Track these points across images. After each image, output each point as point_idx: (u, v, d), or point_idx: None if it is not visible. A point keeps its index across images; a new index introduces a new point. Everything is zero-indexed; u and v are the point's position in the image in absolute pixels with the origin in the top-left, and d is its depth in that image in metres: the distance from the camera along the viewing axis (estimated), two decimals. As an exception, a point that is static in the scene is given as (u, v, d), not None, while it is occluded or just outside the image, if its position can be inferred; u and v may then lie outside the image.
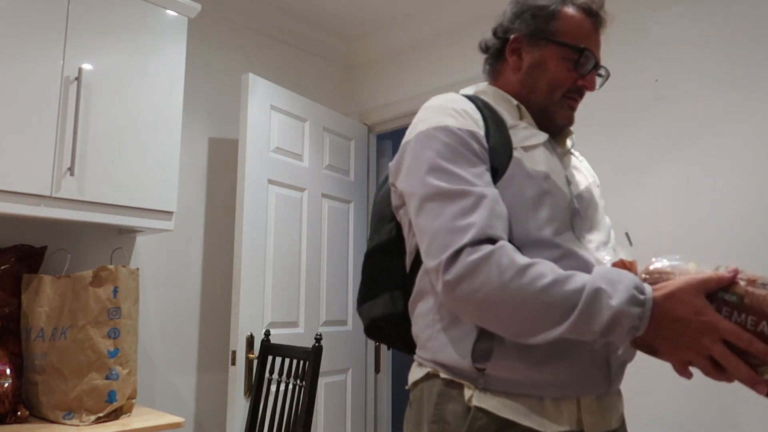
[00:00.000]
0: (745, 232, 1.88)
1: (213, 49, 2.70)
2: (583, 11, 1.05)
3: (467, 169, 0.91)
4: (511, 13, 1.12)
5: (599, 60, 1.07)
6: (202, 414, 2.51)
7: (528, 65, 1.07)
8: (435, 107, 1.01)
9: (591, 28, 1.06)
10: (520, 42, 1.08)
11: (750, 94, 1.91)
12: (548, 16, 1.05)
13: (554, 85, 1.04)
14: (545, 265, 0.83)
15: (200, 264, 2.56)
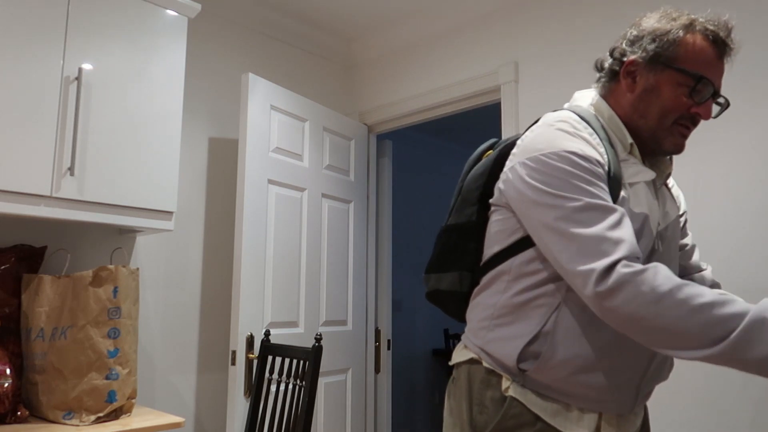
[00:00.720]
0: (747, 233, 1.88)
1: (213, 49, 2.70)
2: (707, 38, 1.03)
3: (603, 191, 0.96)
4: (631, 35, 1.09)
5: (719, 89, 1.04)
6: (202, 414, 2.51)
7: (642, 89, 1.05)
8: (558, 129, 1.01)
9: (714, 56, 1.02)
10: (636, 65, 1.06)
11: (751, 95, 1.91)
12: (669, 42, 1.03)
13: (666, 110, 1.02)
14: (703, 288, 0.85)
15: (200, 264, 2.56)
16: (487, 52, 2.66)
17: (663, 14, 1.07)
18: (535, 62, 2.48)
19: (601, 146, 1.01)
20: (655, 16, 1.07)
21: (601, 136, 1.03)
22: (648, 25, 1.07)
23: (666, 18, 1.05)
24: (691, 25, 1.03)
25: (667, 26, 1.04)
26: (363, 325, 2.97)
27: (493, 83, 2.59)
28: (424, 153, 4.88)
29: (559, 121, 1.03)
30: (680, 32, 1.02)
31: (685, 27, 1.03)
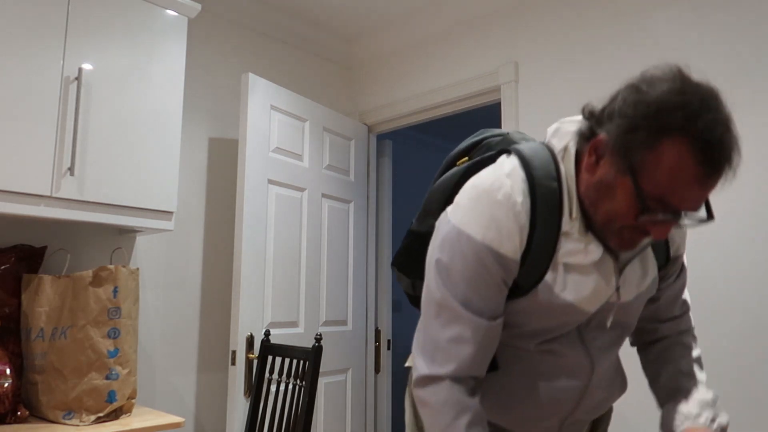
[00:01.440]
0: (748, 233, 1.88)
1: (213, 49, 2.70)
2: (695, 151, 0.78)
3: (480, 291, 0.91)
4: (619, 104, 0.85)
5: (693, 208, 0.83)
6: (202, 414, 2.51)
7: (599, 179, 0.88)
8: (482, 205, 0.91)
9: (694, 176, 0.79)
10: (604, 147, 0.86)
11: (751, 95, 1.91)
12: (644, 141, 0.80)
13: (614, 216, 0.87)
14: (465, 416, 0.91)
15: (200, 264, 2.56)
16: (487, 52, 2.66)
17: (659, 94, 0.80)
18: (535, 62, 2.48)
19: (526, 229, 0.90)
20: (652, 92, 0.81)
21: (545, 199, 0.91)
22: (632, 102, 0.82)
23: (659, 103, 0.80)
24: (682, 128, 0.78)
25: (647, 121, 0.80)
26: (363, 325, 2.97)
27: (493, 83, 2.59)
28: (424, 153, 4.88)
29: (492, 190, 0.91)
30: (659, 136, 0.79)
31: (669, 129, 0.78)
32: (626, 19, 2.22)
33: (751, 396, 1.81)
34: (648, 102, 0.80)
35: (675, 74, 0.82)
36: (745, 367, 1.84)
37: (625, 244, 0.89)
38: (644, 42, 2.17)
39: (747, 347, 1.84)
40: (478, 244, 0.90)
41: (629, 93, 0.83)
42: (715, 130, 0.77)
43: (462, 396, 0.92)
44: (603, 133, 0.86)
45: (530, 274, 0.92)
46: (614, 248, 0.91)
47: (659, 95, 0.80)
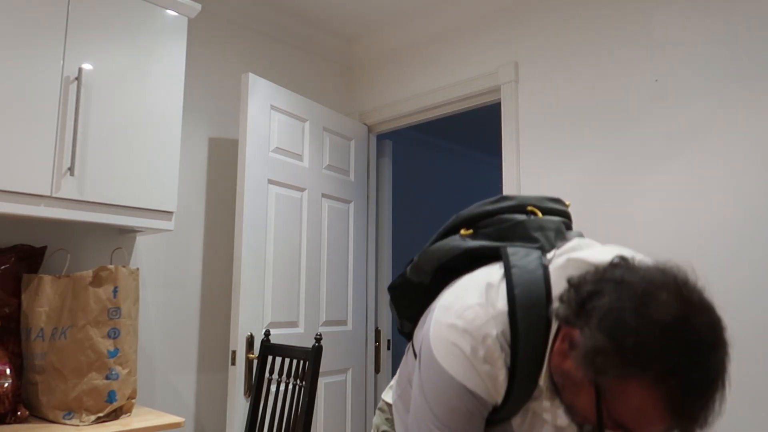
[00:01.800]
0: (748, 232, 1.88)
1: (213, 49, 2.70)
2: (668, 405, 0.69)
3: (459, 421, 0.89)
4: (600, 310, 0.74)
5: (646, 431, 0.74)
6: (202, 414, 2.51)
7: (567, 370, 0.81)
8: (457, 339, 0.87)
9: (660, 420, 0.71)
10: (574, 347, 0.77)
11: (751, 94, 1.91)
12: (615, 370, 0.71)
13: (576, 408, 0.82)
14: None
15: (200, 264, 2.56)
16: (487, 52, 2.66)
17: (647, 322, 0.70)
18: (535, 62, 2.48)
19: (504, 379, 0.86)
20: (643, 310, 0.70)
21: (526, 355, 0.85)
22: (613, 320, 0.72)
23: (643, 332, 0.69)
24: (660, 376, 0.68)
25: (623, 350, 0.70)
26: (363, 325, 2.97)
27: (493, 83, 2.59)
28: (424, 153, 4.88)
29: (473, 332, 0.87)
30: (632, 371, 0.70)
31: (645, 370, 0.69)
32: (626, 19, 2.22)
33: (752, 396, 1.81)
34: (628, 331, 0.70)
35: (670, 303, 0.70)
36: (745, 367, 1.84)
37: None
38: (644, 42, 2.17)
39: (747, 347, 1.84)
40: (456, 382, 0.87)
41: (614, 303, 0.73)
42: (694, 392, 0.68)
43: None
44: (577, 330, 0.77)
45: (504, 414, 0.91)
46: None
47: (643, 327, 0.69)
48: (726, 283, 1.90)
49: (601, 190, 2.22)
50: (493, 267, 0.96)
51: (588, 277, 0.79)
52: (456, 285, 0.97)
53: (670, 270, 0.75)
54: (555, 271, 0.89)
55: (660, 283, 0.72)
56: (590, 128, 2.28)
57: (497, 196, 1.10)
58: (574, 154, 2.31)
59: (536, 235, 1.01)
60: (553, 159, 2.37)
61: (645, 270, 0.75)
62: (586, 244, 0.93)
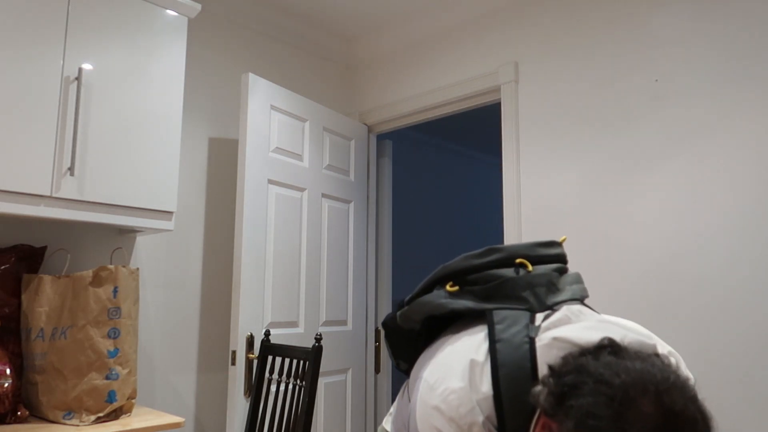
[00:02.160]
0: (747, 232, 1.88)
1: (213, 49, 2.70)
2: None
3: None
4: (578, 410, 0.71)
5: None
6: (202, 414, 2.51)
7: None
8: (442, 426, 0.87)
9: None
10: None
11: (751, 94, 1.91)
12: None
13: None
14: None
15: (200, 264, 2.56)
16: (487, 52, 2.66)
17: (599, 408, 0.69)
18: (535, 62, 2.48)
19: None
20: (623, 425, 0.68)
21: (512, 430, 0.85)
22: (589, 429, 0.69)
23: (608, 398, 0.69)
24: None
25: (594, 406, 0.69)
26: (363, 325, 2.97)
27: (493, 83, 2.59)
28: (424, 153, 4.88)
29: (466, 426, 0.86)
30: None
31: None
32: (626, 19, 2.22)
33: (752, 396, 1.81)
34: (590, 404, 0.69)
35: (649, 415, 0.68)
36: (745, 368, 1.84)
37: None
38: (644, 42, 2.17)
39: (747, 347, 1.84)
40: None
41: (591, 408, 0.70)
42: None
43: None
44: (556, 424, 0.74)
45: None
46: None
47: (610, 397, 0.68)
48: (725, 283, 1.90)
49: (601, 190, 2.22)
50: (477, 336, 0.94)
51: (569, 365, 0.77)
52: (440, 358, 0.95)
53: (654, 368, 0.72)
54: (540, 349, 0.87)
55: (641, 389, 0.69)
56: (590, 128, 2.28)
57: (485, 248, 1.06)
58: (574, 154, 2.31)
59: (524, 295, 0.98)
60: (553, 159, 2.37)
61: (627, 368, 0.72)
62: (574, 313, 0.90)
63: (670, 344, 2.00)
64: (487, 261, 1.05)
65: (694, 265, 1.97)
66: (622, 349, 0.77)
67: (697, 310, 1.95)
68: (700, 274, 1.96)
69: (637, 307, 2.07)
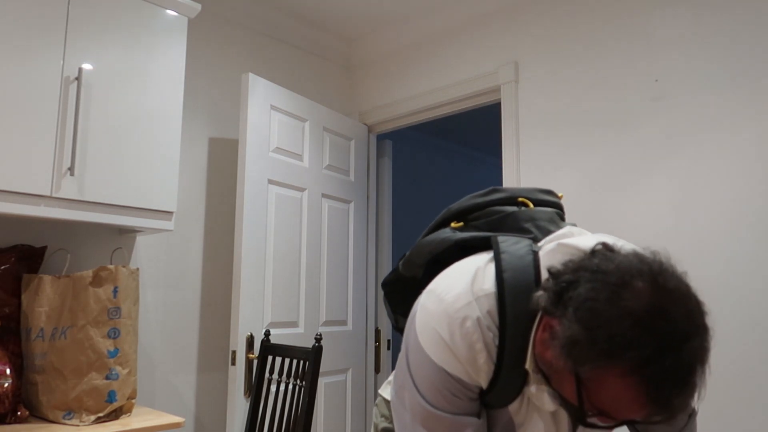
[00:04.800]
0: (746, 233, 1.88)
1: (213, 49, 2.70)
2: (645, 394, 0.69)
3: (447, 401, 0.88)
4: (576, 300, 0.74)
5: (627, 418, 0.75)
6: (202, 414, 2.51)
7: (549, 360, 0.80)
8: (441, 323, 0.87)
9: (639, 407, 0.71)
10: (554, 336, 0.77)
11: (751, 94, 1.91)
12: (593, 360, 0.71)
13: (562, 393, 0.81)
14: None
15: (200, 264, 2.56)
16: (487, 52, 2.66)
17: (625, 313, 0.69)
18: (535, 62, 2.48)
19: (490, 362, 0.85)
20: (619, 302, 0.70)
21: (514, 341, 0.84)
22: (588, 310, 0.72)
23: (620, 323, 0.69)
24: (637, 367, 0.68)
25: (600, 341, 0.70)
26: (363, 325, 2.97)
27: (493, 83, 2.59)
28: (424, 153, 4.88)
29: (457, 317, 0.86)
30: (610, 361, 0.70)
31: (622, 361, 0.69)
32: (626, 19, 2.22)
33: (751, 396, 1.81)
34: (602, 321, 0.70)
35: (644, 292, 0.70)
36: (744, 367, 1.84)
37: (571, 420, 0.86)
38: (644, 42, 2.17)
39: (747, 347, 1.84)
40: (437, 366, 0.87)
41: (588, 293, 0.72)
42: (670, 380, 0.68)
43: None
44: (557, 320, 0.76)
45: (498, 399, 0.89)
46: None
47: (616, 317, 0.69)
48: (725, 282, 1.90)
49: (600, 189, 2.22)
50: (482, 255, 0.95)
51: (567, 266, 0.79)
52: (445, 271, 0.96)
53: (647, 257, 0.75)
54: (545, 256, 0.87)
55: (635, 271, 0.72)
56: (590, 128, 2.28)
57: (488, 189, 1.09)
58: (574, 154, 2.31)
59: (527, 226, 1.00)
60: (553, 158, 2.37)
61: (622, 258, 0.75)
62: (578, 231, 0.93)
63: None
64: (490, 199, 1.07)
65: (694, 264, 1.97)
66: (617, 249, 0.80)
67: (697, 310, 1.95)
68: (700, 273, 1.96)
69: (637, 307, 2.07)
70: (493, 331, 0.85)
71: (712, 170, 1.97)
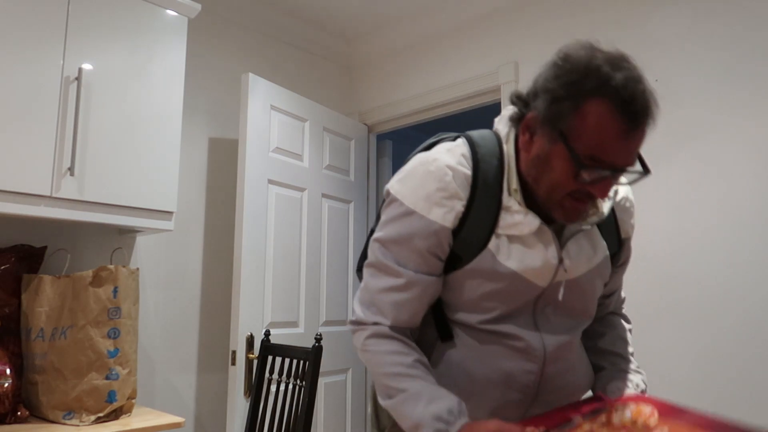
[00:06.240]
0: (747, 232, 1.88)
1: (213, 49, 2.70)
2: (614, 109, 0.84)
3: (413, 253, 0.98)
4: (541, 81, 0.92)
5: (626, 164, 0.88)
6: (202, 414, 2.51)
7: (536, 154, 0.93)
8: (423, 185, 0.97)
9: (618, 131, 0.84)
10: (535, 123, 0.93)
11: (751, 93, 1.91)
12: (568, 108, 0.86)
13: (555, 185, 0.91)
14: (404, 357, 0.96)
15: (200, 264, 2.56)
16: (487, 52, 2.66)
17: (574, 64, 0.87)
18: (535, 62, 2.46)
19: (462, 199, 0.96)
20: (567, 64, 0.88)
21: (485, 175, 0.96)
22: (552, 76, 0.89)
23: (575, 72, 0.86)
24: (599, 89, 0.84)
25: (567, 90, 0.86)
26: (363, 325, 2.97)
27: (493, 83, 2.59)
28: (424, 153, 4.88)
29: (427, 162, 0.98)
30: (583, 97, 0.85)
31: (587, 93, 0.85)
32: (626, 19, 2.22)
33: (751, 395, 1.81)
34: (565, 73, 0.87)
35: (586, 46, 0.89)
36: (744, 366, 1.84)
37: (569, 214, 0.93)
38: (644, 42, 2.17)
39: (747, 346, 1.84)
40: (408, 209, 0.97)
41: (548, 70, 0.90)
42: (628, 87, 0.84)
43: (401, 342, 0.98)
44: (532, 111, 0.93)
45: (470, 243, 0.97)
46: (559, 220, 0.95)
47: (574, 65, 0.87)
48: (724, 282, 1.90)
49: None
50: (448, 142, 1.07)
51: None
52: None
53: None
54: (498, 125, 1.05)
55: (579, 47, 0.89)
56: (590, 128, 2.28)
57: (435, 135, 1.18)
58: (574, 154, 2.31)
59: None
60: (553, 159, 2.37)
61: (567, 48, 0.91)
62: None
63: (671, 343, 2.00)
64: (443, 136, 1.15)
65: (694, 264, 1.97)
66: None
67: (697, 310, 1.95)
68: (700, 273, 1.95)
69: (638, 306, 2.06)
70: (464, 165, 0.97)
71: (711, 170, 1.97)
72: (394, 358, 0.96)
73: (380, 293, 0.99)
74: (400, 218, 0.98)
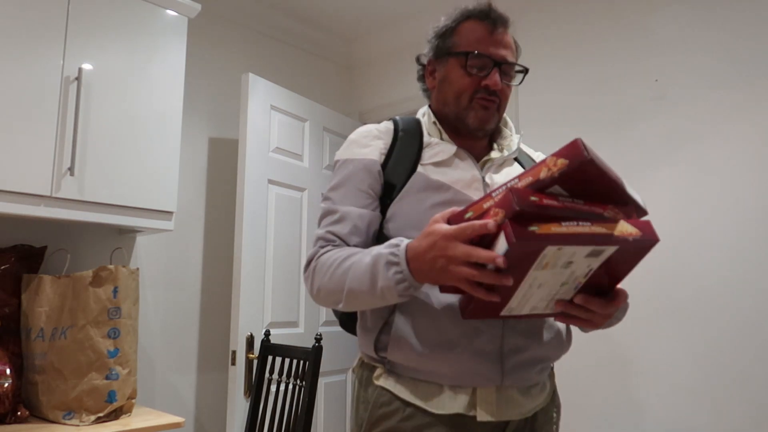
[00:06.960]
0: (746, 233, 1.88)
1: (213, 49, 2.70)
2: (475, 19, 1.14)
3: (347, 194, 1.11)
4: (428, 38, 1.22)
5: (502, 57, 1.12)
6: (202, 414, 2.51)
7: (439, 81, 1.19)
8: (350, 140, 1.18)
9: (485, 30, 1.13)
10: (432, 64, 1.21)
11: (751, 93, 1.91)
12: (447, 33, 1.16)
13: (458, 92, 1.14)
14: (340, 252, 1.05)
15: (200, 264, 2.56)
16: (487, 52, 2.66)
17: (448, 14, 1.18)
18: (535, 62, 2.48)
19: (389, 137, 1.16)
20: (440, 22, 1.19)
21: (405, 127, 1.17)
22: (433, 29, 1.20)
23: (447, 15, 1.18)
24: (464, 14, 1.15)
25: (443, 22, 1.17)
26: (363, 325, 2.97)
27: (493, 83, 2.59)
28: (424, 153, 4.89)
29: (359, 130, 1.19)
30: (452, 23, 1.16)
31: (458, 19, 1.15)
32: (626, 20, 2.22)
33: (751, 395, 1.81)
34: (442, 22, 1.18)
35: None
36: (743, 367, 1.84)
37: (479, 113, 1.12)
38: (644, 42, 2.17)
39: (747, 346, 1.84)
40: (342, 161, 1.15)
41: (431, 30, 1.21)
42: (484, 7, 1.13)
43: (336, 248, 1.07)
44: (426, 59, 1.23)
45: (400, 172, 1.11)
46: (474, 125, 1.13)
47: (448, 15, 1.18)
48: (724, 282, 1.90)
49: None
50: None
51: None
52: None
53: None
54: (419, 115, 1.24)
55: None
56: (590, 127, 2.28)
57: None
58: (574, 154, 2.31)
59: None
60: (553, 159, 2.37)
61: None
62: None
63: (671, 343, 2.00)
64: None
65: (695, 263, 1.97)
66: None
67: (697, 310, 1.95)
68: (701, 272, 1.96)
69: (638, 306, 2.07)
70: (387, 126, 1.18)
71: (712, 169, 1.97)
72: (333, 256, 1.05)
73: (321, 231, 1.11)
74: (338, 170, 1.15)
